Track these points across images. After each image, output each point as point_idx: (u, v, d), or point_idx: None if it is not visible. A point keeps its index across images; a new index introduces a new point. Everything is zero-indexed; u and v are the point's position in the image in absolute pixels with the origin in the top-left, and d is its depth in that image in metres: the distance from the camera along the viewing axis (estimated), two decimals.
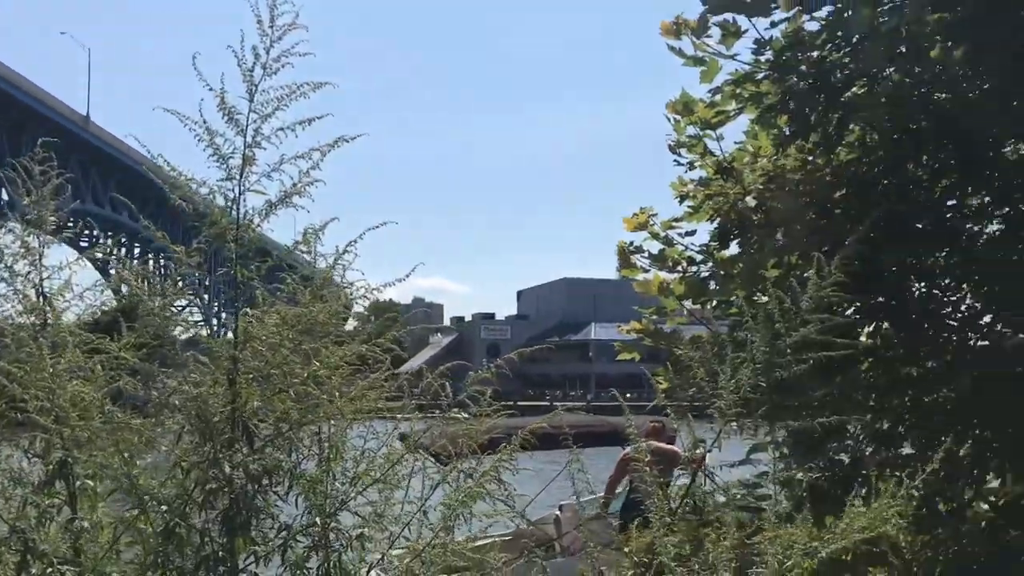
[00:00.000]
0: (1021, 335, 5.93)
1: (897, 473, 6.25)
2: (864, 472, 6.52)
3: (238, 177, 2.99)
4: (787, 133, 5.36)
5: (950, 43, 4.50)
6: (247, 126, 2.99)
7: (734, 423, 3.09)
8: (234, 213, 3.01)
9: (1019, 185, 5.32)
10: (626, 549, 3.43)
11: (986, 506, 5.93)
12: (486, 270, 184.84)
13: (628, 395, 4.15)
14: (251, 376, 2.93)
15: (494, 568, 3.10)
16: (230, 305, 3.12)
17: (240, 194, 3.01)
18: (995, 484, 6.01)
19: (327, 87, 3.06)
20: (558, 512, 10.04)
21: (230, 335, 3.05)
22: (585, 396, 71.10)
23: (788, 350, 3.13)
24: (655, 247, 6.04)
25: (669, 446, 7.56)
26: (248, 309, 3.04)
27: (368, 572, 3.19)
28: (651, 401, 4.73)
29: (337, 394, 3.04)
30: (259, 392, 2.92)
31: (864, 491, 6.41)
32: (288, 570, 2.99)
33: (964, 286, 5.92)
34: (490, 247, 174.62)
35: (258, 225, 3.02)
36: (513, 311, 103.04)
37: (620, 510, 8.95)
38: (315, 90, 3.02)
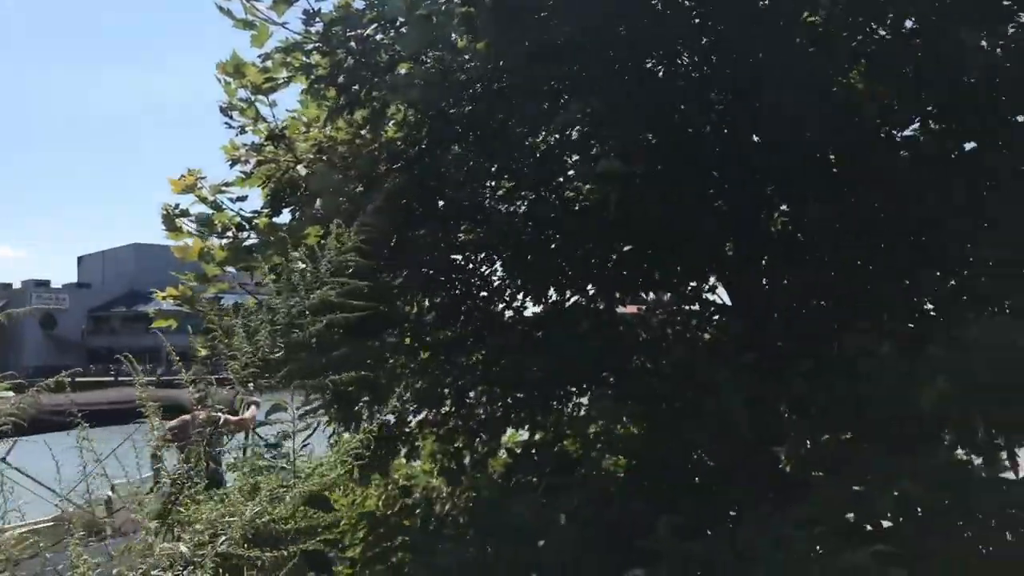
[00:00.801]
0: (540, 305, 6.74)
1: (435, 430, 6.83)
2: (408, 431, 6.97)
3: None
4: (336, 106, 5.50)
5: (473, 36, 4.91)
6: None
7: (251, 384, 3.13)
8: None
9: (541, 173, 5.97)
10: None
11: (505, 455, 6.65)
12: (45, 234, 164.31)
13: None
14: None
15: (16, 554, 2.85)
16: None
17: None
18: (523, 436, 6.77)
19: None
20: (108, 492, 9.38)
21: None
22: (156, 370, 66.78)
23: (307, 312, 3.23)
24: (204, 211, 5.87)
25: (188, 415, 7.38)
26: None
27: None
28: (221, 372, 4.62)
29: None
30: None
31: (407, 449, 6.90)
32: None
33: (496, 259, 6.55)
34: (51, 211, 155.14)
35: None
36: (74, 279, 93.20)
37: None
38: None
